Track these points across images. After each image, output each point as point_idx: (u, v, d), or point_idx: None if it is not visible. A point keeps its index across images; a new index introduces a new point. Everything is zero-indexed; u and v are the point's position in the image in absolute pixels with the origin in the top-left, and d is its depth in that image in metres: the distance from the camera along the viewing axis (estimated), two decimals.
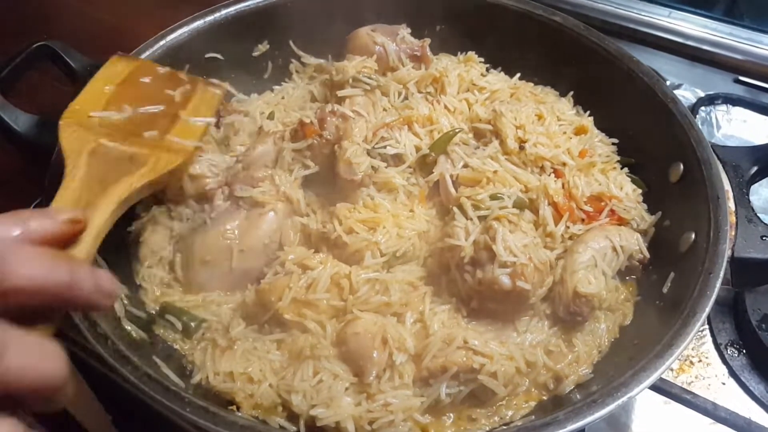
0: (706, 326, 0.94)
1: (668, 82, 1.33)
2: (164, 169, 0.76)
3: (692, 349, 0.92)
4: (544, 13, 1.05)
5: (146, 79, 0.88)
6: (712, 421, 0.82)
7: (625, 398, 0.62)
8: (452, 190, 0.89)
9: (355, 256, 0.83)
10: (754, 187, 0.98)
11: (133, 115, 0.81)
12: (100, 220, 0.64)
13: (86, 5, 1.45)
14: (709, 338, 0.94)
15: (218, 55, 1.07)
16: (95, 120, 0.77)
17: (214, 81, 0.95)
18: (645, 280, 0.85)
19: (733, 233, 0.76)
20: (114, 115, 0.79)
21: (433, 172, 0.92)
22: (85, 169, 0.69)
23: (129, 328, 0.75)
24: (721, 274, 0.70)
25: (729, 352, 0.92)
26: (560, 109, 0.99)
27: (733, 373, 0.89)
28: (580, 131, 0.97)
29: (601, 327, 0.81)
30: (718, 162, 0.82)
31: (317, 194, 0.93)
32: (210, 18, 1.03)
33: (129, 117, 0.80)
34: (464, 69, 1.07)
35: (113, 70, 0.86)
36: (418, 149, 0.93)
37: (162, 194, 0.88)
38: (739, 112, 1.31)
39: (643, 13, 1.47)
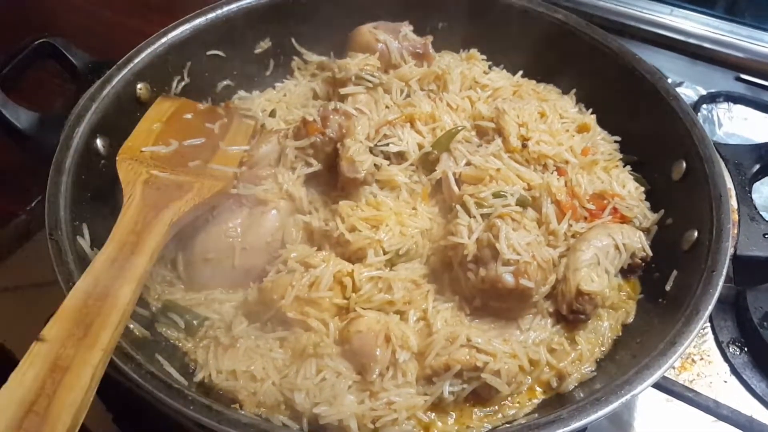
0: (708, 324, 0.95)
1: (670, 80, 1.32)
2: (208, 194, 0.83)
3: (694, 347, 0.93)
4: (546, 10, 1.05)
5: (188, 116, 0.98)
6: (714, 419, 0.83)
7: (628, 396, 0.62)
8: (455, 188, 0.89)
9: (357, 254, 0.83)
10: (756, 185, 0.98)
11: (179, 147, 0.90)
12: (154, 241, 0.72)
13: (87, 2, 1.45)
14: (710, 336, 0.94)
15: (220, 53, 1.07)
16: (147, 154, 0.87)
17: (248, 113, 1.03)
18: (648, 278, 0.85)
19: (735, 231, 0.76)
20: (162, 149, 0.88)
21: (435, 170, 0.91)
22: (140, 196, 0.78)
23: (132, 325, 0.75)
24: (724, 272, 0.71)
25: (731, 350, 0.92)
26: (563, 107, 0.99)
27: (734, 371, 0.90)
28: (582, 129, 0.97)
29: (604, 325, 0.81)
30: (721, 160, 0.82)
31: (320, 192, 0.93)
32: (211, 15, 1.02)
33: (175, 149, 0.90)
34: (467, 66, 1.06)
35: (160, 109, 0.96)
36: (420, 147, 0.93)
37: None
38: (740, 109, 1.31)
39: (645, 11, 1.48)
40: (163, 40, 0.98)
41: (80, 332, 0.59)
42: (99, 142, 0.88)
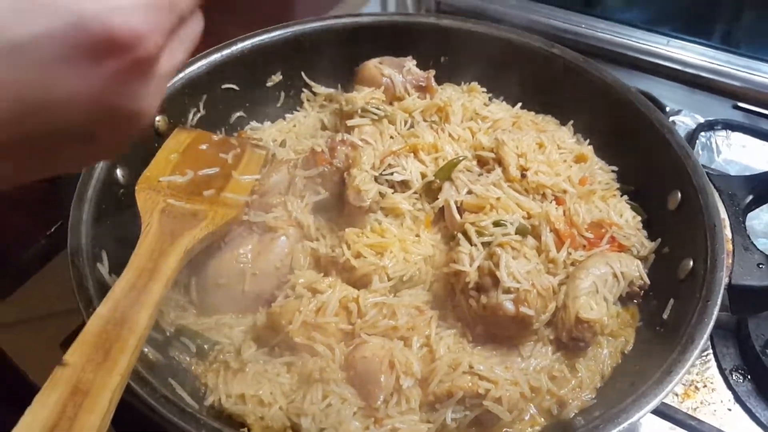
0: (710, 351, 0.95)
1: (668, 108, 1.37)
2: (222, 222, 0.87)
3: (697, 374, 0.93)
4: (543, 45, 1.09)
5: (204, 146, 1.01)
6: None
7: (625, 424, 0.63)
8: (457, 216, 0.92)
9: (363, 279, 0.86)
10: (755, 212, 1.00)
11: (195, 177, 0.93)
12: (170, 268, 0.75)
13: None
14: (713, 363, 0.95)
15: (234, 86, 1.11)
16: (164, 183, 0.90)
17: (260, 143, 1.07)
18: (646, 305, 0.87)
19: (730, 261, 0.78)
20: (179, 179, 0.92)
21: (438, 198, 0.95)
22: (157, 225, 0.81)
23: (146, 349, 0.78)
24: (719, 302, 0.72)
25: (734, 378, 0.92)
26: (560, 138, 1.02)
27: (738, 399, 0.90)
28: (580, 159, 1.00)
29: (604, 352, 0.83)
30: (715, 191, 0.85)
31: (327, 219, 0.96)
32: (227, 52, 1.07)
33: (191, 179, 0.93)
34: (468, 99, 1.10)
35: (177, 140, 1.00)
36: (423, 176, 0.96)
37: None
38: (738, 137, 1.34)
39: (642, 42, 1.52)
40: (181, 75, 1.02)
41: (100, 357, 0.61)
42: (119, 172, 0.92)
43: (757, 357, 0.89)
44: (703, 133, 1.32)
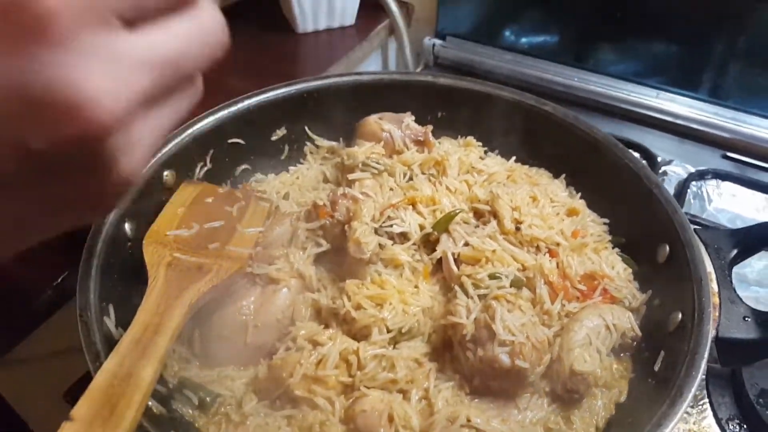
0: (706, 400, 0.97)
1: (660, 158, 1.41)
2: (225, 274, 0.88)
3: (694, 424, 0.94)
4: (535, 103, 1.14)
5: (209, 199, 1.03)
6: None
7: None
8: (454, 267, 0.95)
9: (362, 331, 0.88)
10: (747, 261, 1.03)
11: (200, 230, 0.95)
12: (175, 322, 0.77)
13: None
14: (710, 413, 0.95)
15: (240, 140, 1.16)
16: (171, 237, 0.92)
17: (264, 196, 1.10)
18: (638, 357, 0.89)
19: (716, 314, 0.80)
20: (185, 233, 0.94)
21: (436, 250, 0.98)
22: (163, 278, 0.83)
23: (150, 402, 0.79)
24: (706, 355, 0.74)
25: (730, 427, 0.93)
26: (553, 191, 1.06)
27: None
28: (572, 212, 1.03)
29: (598, 404, 0.84)
30: (701, 245, 0.88)
31: (328, 270, 0.99)
32: (233, 108, 1.12)
33: (197, 232, 0.95)
34: (464, 152, 1.15)
35: (184, 194, 1.03)
36: (422, 228, 1.00)
37: None
38: (728, 186, 1.38)
39: (633, 94, 1.58)
40: (189, 131, 1.07)
41: (106, 412, 0.63)
42: (127, 226, 0.95)
43: (752, 406, 0.90)
44: (694, 183, 1.36)
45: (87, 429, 0.61)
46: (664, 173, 1.38)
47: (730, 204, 1.35)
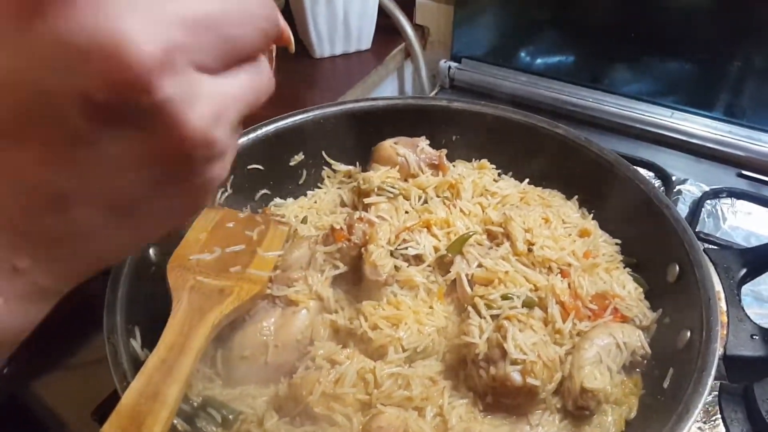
0: (719, 416, 0.97)
1: (674, 177, 1.42)
2: (246, 297, 0.92)
3: None
4: (548, 126, 1.17)
5: (230, 224, 1.07)
6: None
7: None
8: (468, 288, 0.97)
9: (379, 351, 0.91)
10: (763, 278, 1.04)
11: (222, 254, 0.98)
12: (199, 342, 0.80)
13: None
14: (722, 428, 0.96)
15: (259, 166, 1.21)
16: (194, 261, 0.95)
17: (283, 220, 1.14)
18: (648, 374, 0.90)
19: (724, 332, 0.82)
20: (207, 257, 0.97)
21: (450, 272, 1.00)
22: (187, 301, 0.87)
23: (175, 421, 0.83)
24: (713, 372, 0.76)
25: None
26: (565, 213, 1.08)
27: None
28: (584, 234, 1.06)
29: (608, 420, 0.86)
30: (710, 264, 0.89)
31: (345, 291, 1.03)
32: (252, 136, 1.17)
33: (219, 256, 0.98)
34: (478, 175, 1.18)
35: (206, 219, 1.06)
36: (436, 250, 1.03)
37: None
38: (743, 204, 1.39)
39: (647, 114, 1.59)
40: None
41: (134, 430, 0.67)
42: (151, 251, 1.00)
43: (764, 422, 0.90)
44: (708, 201, 1.37)
45: None
46: (679, 192, 1.39)
47: (745, 222, 1.35)
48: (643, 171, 1.29)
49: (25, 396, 1.08)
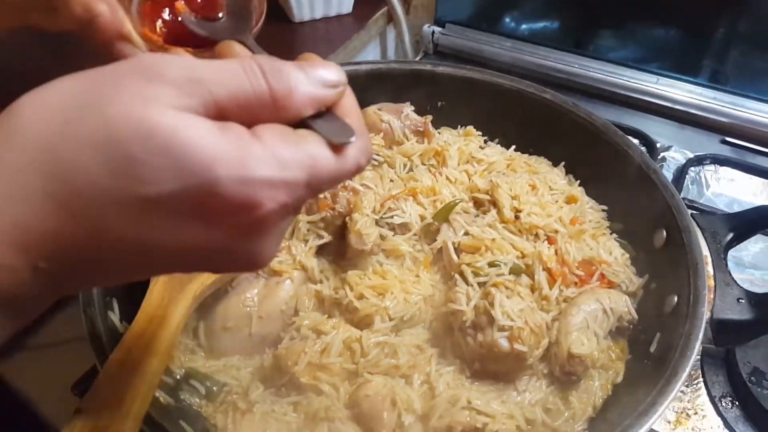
0: (701, 379, 0.99)
1: (659, 144, 1.42)
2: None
3: (688, 402, 0.97)
4: (535, 91, 1.15)
5: None
6: None
7: None
8: (454, 256, 0.96)
9: (365, 320, 0.90)
10: (744, 244, 1.04)
11: None
12: (179, 314, 0.79)
13: None
14: (703, 391, 0.98)
15: None
16: None
17: None
18: (635, 339, 0.91)
19: (711, 296, 0.82)
20: None
21: (436, 240, 0.99)
22: None
23: (158, 393, 0.81)
24: (700, 336, 0.76)
25: (723, 405, 0.95)
26: (552, 179, 1.07)
27: (727, 425, 0.93)
28: (571, 200, 1.05)
29: (595, 385, 0.86)
30: (698, 229, 0.89)
31: (330, 261, 1.01)
32: None
33: None
34: (464, 142, 1.16)
35: None
36: (422, 218, 1.01)
37: None
38: (726, 171, 1.39)
39: (632, 80, 1.58)
40: None
41: (114, 404, 0.65)
42: None
43: (744, 384, 0.92)
44: (692, 168, 1.37)
45: (95, 421, 0.63)
46: (663, 159, 1.39)
47: (728, 189, 1.36)
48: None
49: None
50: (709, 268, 0.85)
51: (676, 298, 0.84)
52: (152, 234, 0.37)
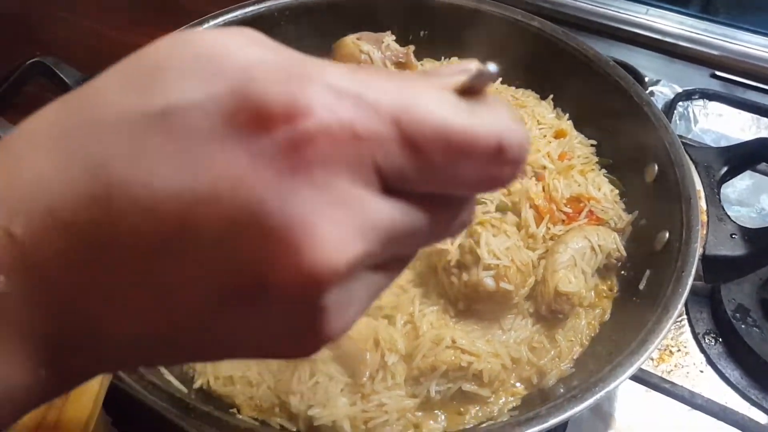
0: (685, 316, 0.99)
1: (647, 78, 1.37)
2: None
3: (671, 339, 0.97)
4: (523, 18, 1.08)
5: None
6: (689, 408, 0.87)
7: (602, 393, 0.65)
8: None
9: None
10: (730, 181, 1.02)
11: None
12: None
13: (77, 16, 1.47)
14: (687, 328, 0.98)
15: None
16: None
17: None
18: (623, 277, 0.89)
19: (704, 232, 0.80)
20: None
21: None
22: None
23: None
24: (693, 272, 0.74)
25: (706, 341, 0.96)
26: (540, 113, 1.03)
27: (710, 361, 0.94)
28: (559, 135, 1.01)
29: (582, 323, 0.85)
30: (691, 163, 0.86)
31: None
32: (205, 26, 1.05)
33: None
34: None
35: None
36: None
37: None
38: (715, 106, 1.36)
39: (621, 11, 1.51)
40: None
41: None
42: None
43: (728, 321, 0.92)
44: (681, 103, 1.33)
45: None
46: (651, 94, 1.34)
47: (717, 124, 1.33)
48: None
49: None
50: (702, 203, 0.82)
51: (667, 235, 0.82)
52: (160, 169, 0.26)
